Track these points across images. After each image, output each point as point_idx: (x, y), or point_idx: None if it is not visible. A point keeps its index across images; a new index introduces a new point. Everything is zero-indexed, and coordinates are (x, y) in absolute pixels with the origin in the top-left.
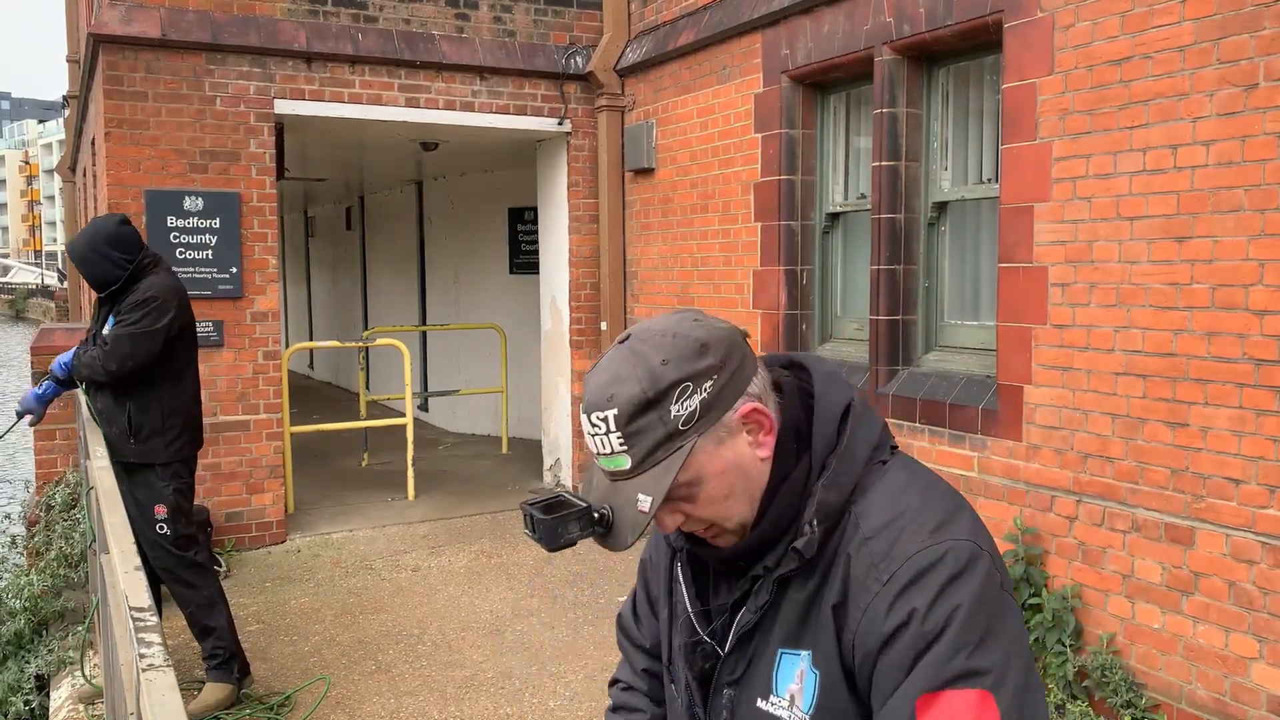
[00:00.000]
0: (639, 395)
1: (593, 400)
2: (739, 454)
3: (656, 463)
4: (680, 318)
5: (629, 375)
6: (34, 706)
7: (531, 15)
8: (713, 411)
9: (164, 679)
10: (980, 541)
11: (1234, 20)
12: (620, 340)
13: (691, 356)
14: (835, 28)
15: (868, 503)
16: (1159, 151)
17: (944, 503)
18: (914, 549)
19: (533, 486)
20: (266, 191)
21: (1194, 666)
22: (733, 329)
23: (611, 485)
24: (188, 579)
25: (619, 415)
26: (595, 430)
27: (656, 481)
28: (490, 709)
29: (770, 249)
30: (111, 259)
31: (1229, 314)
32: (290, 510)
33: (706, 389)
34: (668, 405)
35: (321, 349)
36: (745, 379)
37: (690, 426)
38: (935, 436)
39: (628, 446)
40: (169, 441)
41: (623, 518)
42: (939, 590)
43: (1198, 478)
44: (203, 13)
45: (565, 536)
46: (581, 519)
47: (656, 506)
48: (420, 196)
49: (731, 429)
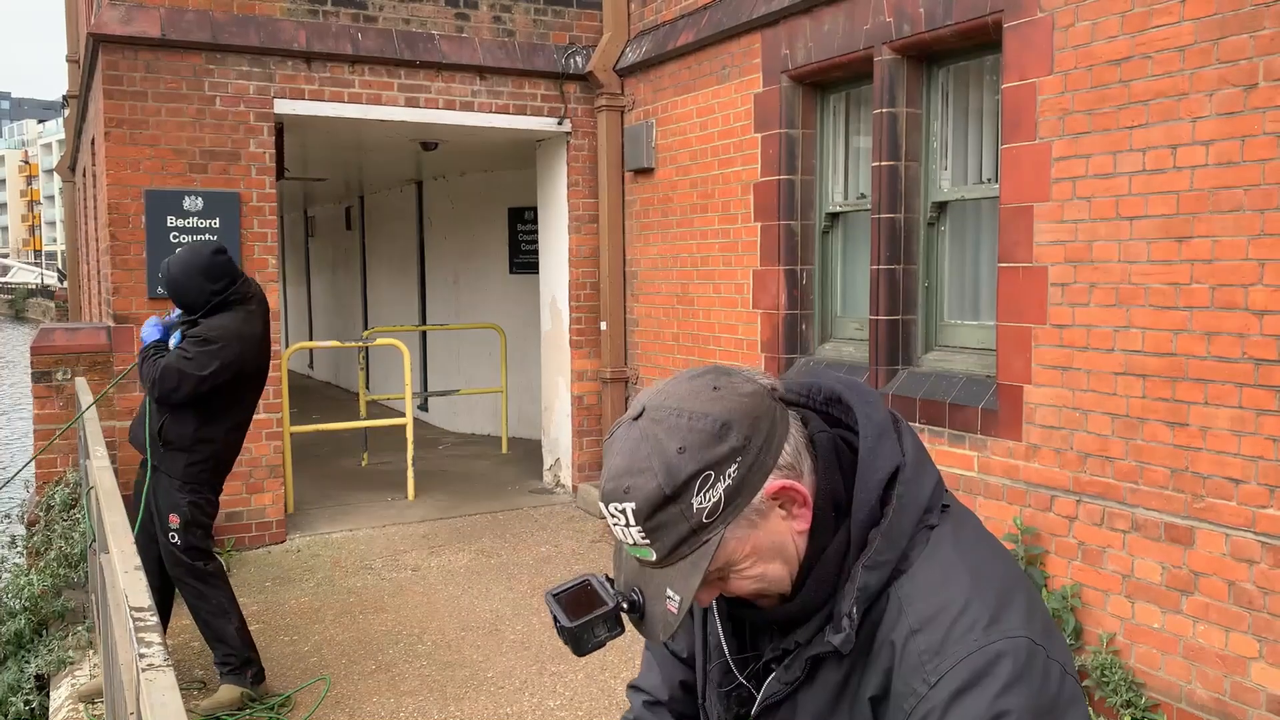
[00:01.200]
0: (656, 491)
1: (609, 490)
2: (773, 531)
3: (683, 557)
4: (698, 387)
5: (644, 466)
6: (34, 706)
7: (531, 15)
8: (739, 497)
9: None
10: (1034, 635)
11: (1234, 20)
12: (633, 416)
13: (711, 441)
14: (835, 28)
15: (913, 584)
16: (1159, 151)
17: (997, 584)
18: (966, 650)
19: (533, 486)
20: (266, 191)
21: (1194, 666)
22: (758, 390)
23: (640, 569)
24: (198, 588)
25: (638, 510)
26: (615, 521)
27: (685, 579)
28: (490, 709)
29: (770, 249)
30: (200, 288)
31: (1229, 314)
32: (290, 510)
33: (730, 475)
34: (689, 499)
35: (321, 349)
36: (774, 452)
37: (715, 518)
38: (935, 436)
39: (650, 541)
40: (190, 462)
41: (654, 610)
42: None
43: (1197, 477)
44: (202, 12)
45: (593, 641)
46: (608, 620)
47: (688, 605)
48: (420, 196)
49: (762, 510)
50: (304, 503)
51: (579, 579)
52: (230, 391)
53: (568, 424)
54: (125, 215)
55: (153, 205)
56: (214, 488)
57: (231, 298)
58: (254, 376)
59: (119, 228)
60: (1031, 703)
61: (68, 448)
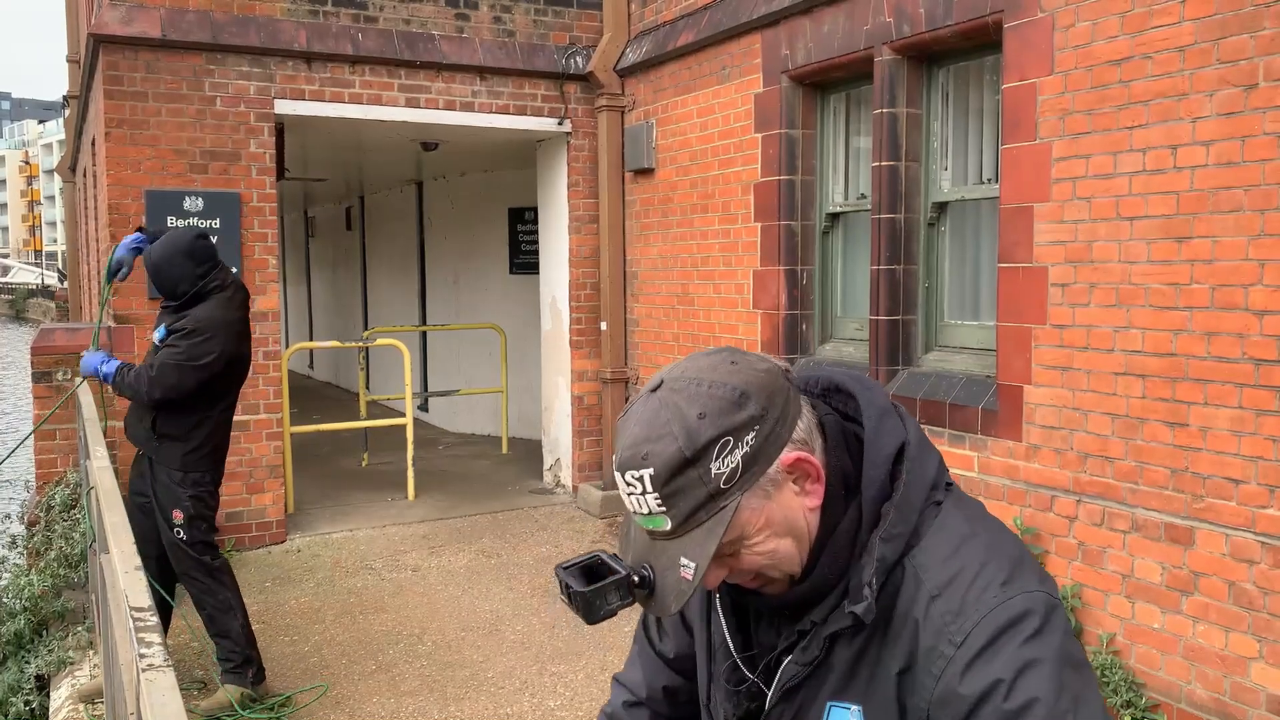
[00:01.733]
0: (676, 454)
1: (626, 458)
2: (786, 506)
3: (699, 524)
4: (715, 361)
5: (664, 432)
6: (34, 706)
7: (531, 15)
8: (756, 465)
9: (164, 679)
10: (1051, 591)
11: (1234, 20)
12: (651, 388)
13: (730, 408)
14: (835, 28)
15: (926, 554)
16: (1159, 151)
17: (1009, 550)
18: (987, 606)
19: (533, 486)
20: (266, 191)
21: (1194, 666)
22: (773, 368)
23: (651, 543)
24: (205, 583)
25: (655, 475)
26: (631, 490)
27: (700, 545)
28: (490, 709)
29: (770, 249)
30: (184, 270)
31: (1229, 314)
32: (290, 510)
33: (748, 442)
34: (707, 463)
35: (321, 349)
36: (789, 425)
37: (733, 484)
38: (935, 436)
39: (666, 508)
40: (186, 453)
41: (665, 581)
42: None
43: (1197, 478)
44: (203, 13)
45: (605, 608)
46: (621, 588)
47: (702, 573)
48: (420, 196)
49: (777, 481)
50: (304, 503)
51: (588, 555)
52: (223, 377)
53: (568, 424)
54: (126, 215)
55: (153, 205)
56: (214, 477)
57: (211, 285)
58: (238, 361)
59: (119, 228)
60: (1058, 652)
61: (68, 448)
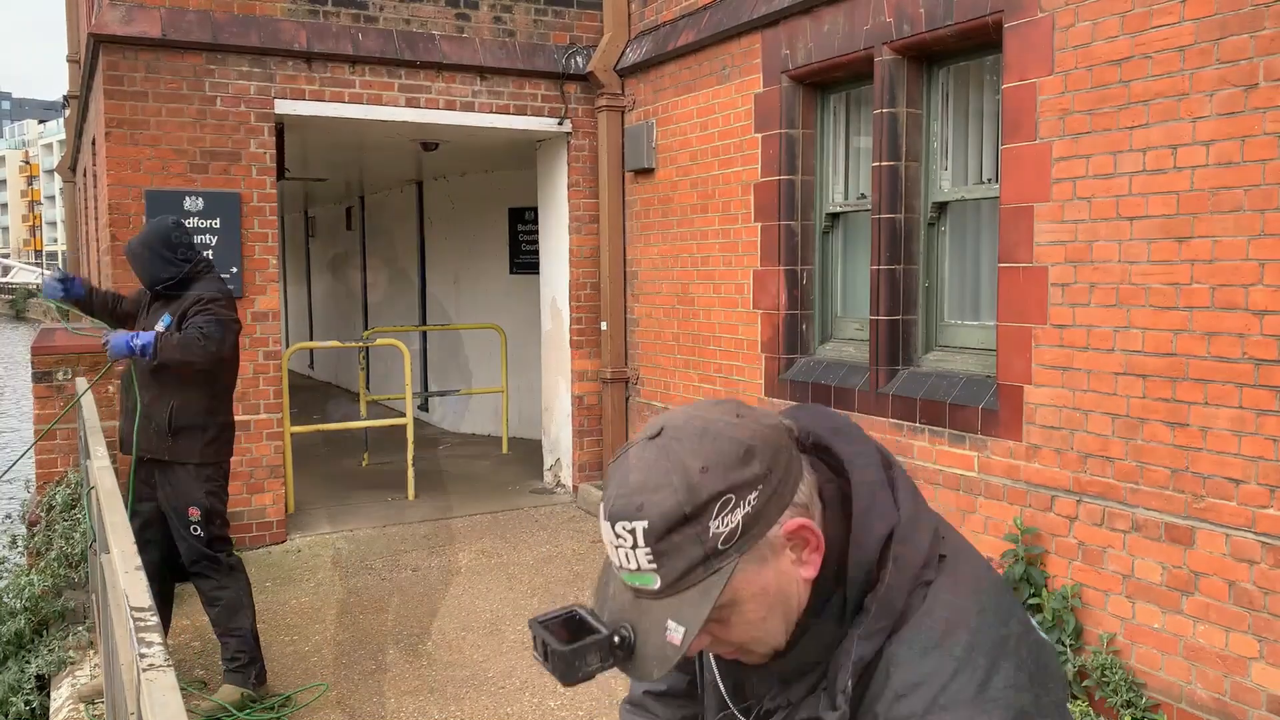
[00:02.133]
0: (674, 508)
1: (619, 507)
2: (781, 574)
3: (690, 585)
4: (719, 411)
5: (663, 482)
6: (34, 706)
7: (531, 15)
8: (756, 527)
9: (164, 679)
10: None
11: (1234, 20)
12: (650, 434)
13: (735, 464)
14: (835, 28)
15: (903, 645)
16: (1159, 151)
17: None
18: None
19: (533, 486)
20: (267, 191)
21: (1194, 666)
22: (778, 425)
23: (634, 601)
24: (218, 580)
25: (649, 530)
26: (620, 543)
27: (692, 609)
28: (490, 709)
29: (770, 249)
30: (164, 257)
31: (1229, 314)
32: (290, 510)
33: (751, 501)
34: (706, 521)
35: (321, 349)
36: (791, 488)
37: (730, 546)
38: (935, 436)
39: (657, 565)
40: (206, 442)
41: (648, 643)
42: None
43: (1198, 478)
44: (203, 13)
45: (584, 669)
46: (602, 648)
47: (692, 638)
48: (420, 196)
49: (775, 546)
50: (304, 503)
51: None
52: (231, 356)
53: (568, 424)
54: (126, 215)
55: (153, 205)
56: (226, 468)
57: (200, 266)
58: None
59: (120, 228)
60: None
61: (68, 448)
